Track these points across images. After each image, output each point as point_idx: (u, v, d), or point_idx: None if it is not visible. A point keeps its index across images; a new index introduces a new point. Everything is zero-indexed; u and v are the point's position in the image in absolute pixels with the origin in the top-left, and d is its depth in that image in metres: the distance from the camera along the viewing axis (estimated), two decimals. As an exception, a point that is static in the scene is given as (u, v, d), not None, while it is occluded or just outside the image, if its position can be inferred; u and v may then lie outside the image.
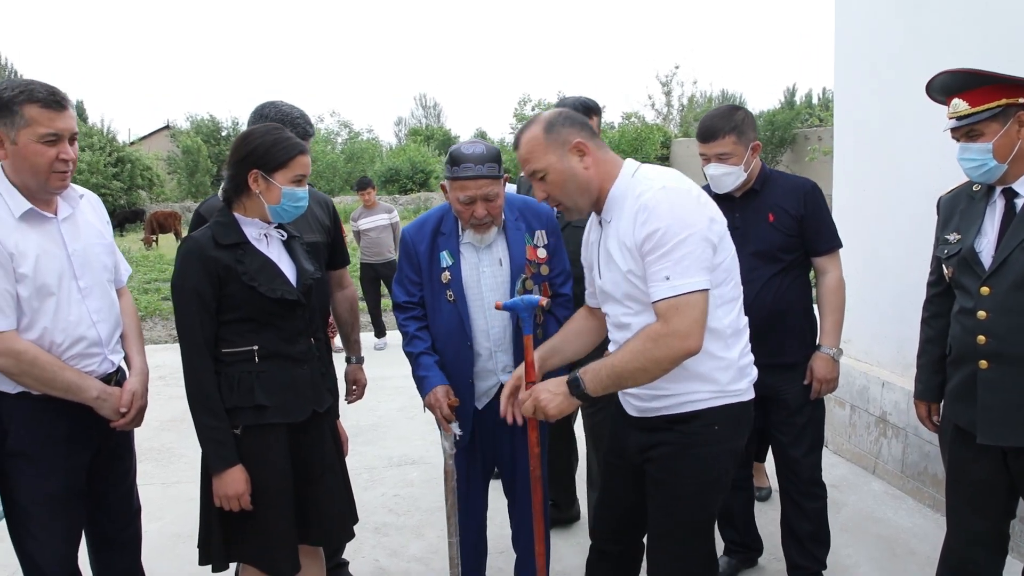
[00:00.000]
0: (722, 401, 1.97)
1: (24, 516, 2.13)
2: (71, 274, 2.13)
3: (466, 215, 2.38)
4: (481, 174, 2.32)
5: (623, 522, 2.23)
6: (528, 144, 1.97)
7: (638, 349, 1.84)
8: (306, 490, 2.20)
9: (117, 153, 26.84)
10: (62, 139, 2.05)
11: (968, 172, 2.18)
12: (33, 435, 2.09)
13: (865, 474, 4.02)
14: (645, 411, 2.04)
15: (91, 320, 2.17)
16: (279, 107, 2.55)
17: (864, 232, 4.00)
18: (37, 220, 2.09)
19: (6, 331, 2.00)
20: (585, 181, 1.95)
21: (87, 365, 2.16)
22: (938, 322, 2.41)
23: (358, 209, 7.86)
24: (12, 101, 1.99)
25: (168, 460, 4.55)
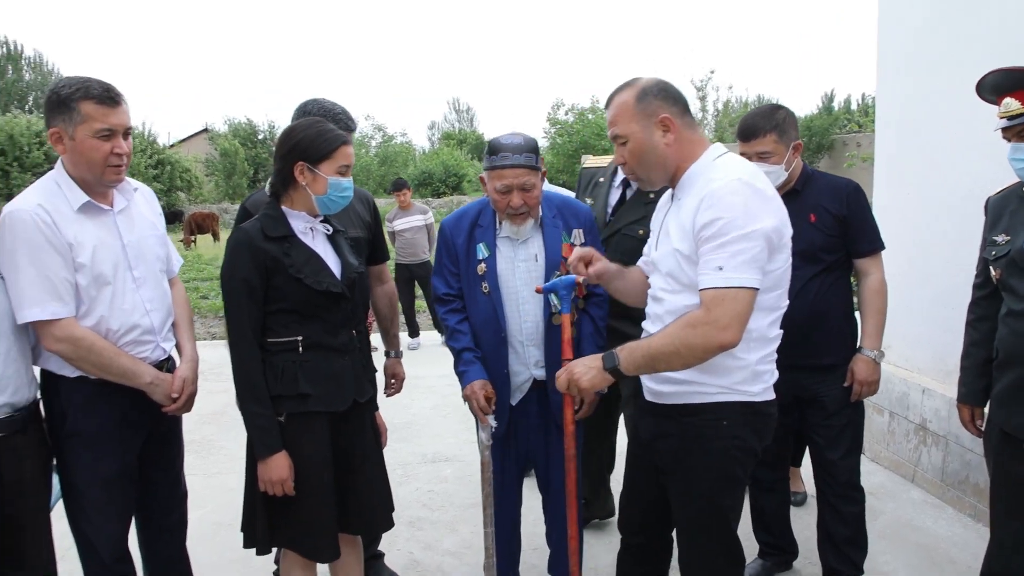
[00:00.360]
0: (731, 397, 1.94)
1: (80, 497, 2.21)
2: (126, 264, 2.21)
3: (502, 204, 2.42)
4: (518, 163, 2.36)
5: (647, 515, 2.24)
6: (617, 108, 1.99)
7: (675, 333, 1.83)
8: (346, 479, 2.25)
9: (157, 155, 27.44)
10: (116, 134, 2.14)
11: (1019, 172, 2.15)
12: (90, 418, 2.17)
13: (904, 482, 3.96)
14: (656, 396, 2.06)
15: (144, 308, 2.25)
16: (322, 103, 2.61)
17: (905, 236, 3.95)
18: (94, 212, 2.18)
19: (65, 318, 2.09)
20: (663, 156, 1.95)
21: (140, 352, 2.24)
22: (984, 325, 2.38)
23: (393, 210, 7.95)
24: (70, 98, 2.08)
25: (209, 452, 4.64)
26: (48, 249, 2.06)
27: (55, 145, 2.15)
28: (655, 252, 2.06)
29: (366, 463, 2.30)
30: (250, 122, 38.51)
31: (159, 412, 2.30)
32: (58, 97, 2.09)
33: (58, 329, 2.08)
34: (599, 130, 29.58)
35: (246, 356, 2.09)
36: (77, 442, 2.19)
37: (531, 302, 2.52)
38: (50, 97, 2.12)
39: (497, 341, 2.51)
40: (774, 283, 1.92)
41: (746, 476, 2.05)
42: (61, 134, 2.11)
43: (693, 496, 2.02)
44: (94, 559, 2.26)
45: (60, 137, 2.12)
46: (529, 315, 2.52)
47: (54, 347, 2.09)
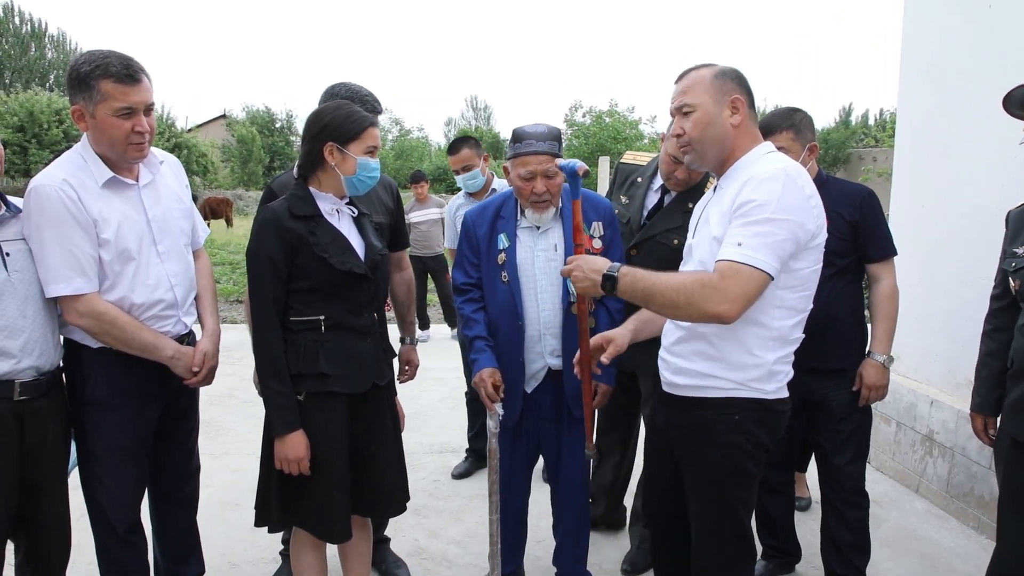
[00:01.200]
0: (744, 394, 1.96)
1: (96, 464, 2.25)
2: (151, 239, 2.23)
3: (526, 191, 2.45)
4: (542, 151, 2.41)
5: (665, 500, 2.26)
6: (692, 79, 1.99)
7: (683, 285, 1.82)
8: (362, 461, 2.27)
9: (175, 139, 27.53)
10: (137, 112, 2.12)
11: None
12: (110, 386, 2.21)
13: (908, 492, 3.96)
14: (672, 388, 2.07)
15: (169, 283, 2.27)
16: (349, 86, 2.63)
17: (919, 248, 3.95)
18: (119, 187, 2.19)
19: (89, 293, 2.11)
20: (723, 135, 1.95)
21: (163, 326, 2.27)
22: (1000, 335, 2.39)
23: (410, 202, 7.96)
24: (89, 76, 2.07)
25: (216, 432, 4.69)
26: (73, 224, 2.07)
27: (78, 122, 2.15)
28: (692, 239, 2.08)
29: (382, 446, 2.32)
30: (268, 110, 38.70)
31: (178, 385, 2.33)
32: (78, 75, 2.08)
33: (81, 304, 2.10)
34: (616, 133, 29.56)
35: (268, 333, 2.11)
36: (96, 410, 2.22)
37: (549, 291, 2.54)
38: (71, 74, 2.11)
39: (514, 329, 2.54)
40: (801, 283, 1.91)
41: (758, 471, 2.05)
42: (83, 112, 2.11)
43: (704, 487, 2.05)
44: (106, 528, 2.29)
45: (82, 115, 2.12)
46: (547, 304, 2.54)
47: (78, 321, 2.12)
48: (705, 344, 1.97)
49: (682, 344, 2.03)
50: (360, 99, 2.54)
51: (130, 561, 2.34)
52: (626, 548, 3.20)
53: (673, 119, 2.09)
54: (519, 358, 2.55)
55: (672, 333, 2.09)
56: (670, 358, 2.08)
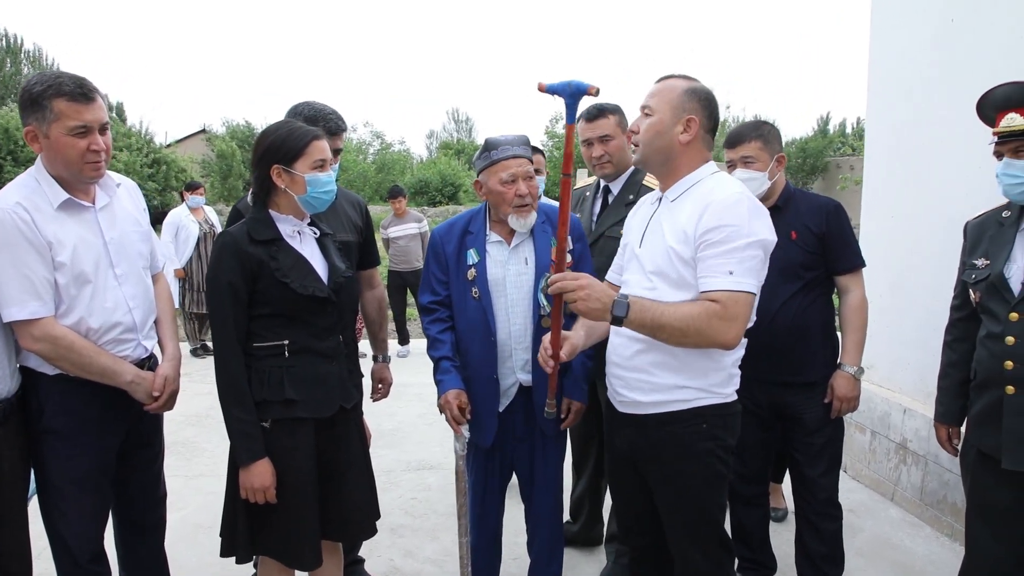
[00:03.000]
0: (708, 400, 2.04)
1: (55, 494, 2.21)
2: (108, 262, 2.21)
3: (509, 195, 2.44)
4: (519, 154, 2.45)
5: (641, 519, 2.27)
6: (665, 86, 2.09)
7: (693, 317, 1.88)
8: (331, 486, 2.25)
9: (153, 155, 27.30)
10: (92, 130, 2.10)
11: (1008, 188, 2.17)
12: (67, 415, 2.17)
13: (883, 500, 3.99)
14: (634, 407, 2.10)
15: (127, 306, 2.24)
16: (312, 105, 2.60)
17: (890, 258, 3.99)
18: (75, 209, 2.17)
19: (44, 317, 2.08)
20: (669, 147, 2.05)
21: (122, 350, 2.24)
22: (961, 346, 2.41)
23: (388, 217, 7.97)
24: (41, 96, 2.05)
25: (191, 454, 4.64)
26: (27, 248, 2.04)
27: (31, 144, 2.13)
28: (639, 249, 2.13)
29: (351, 469, 2.30)
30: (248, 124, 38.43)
31: (139, 411, 2.30)
32: (30, 95, 2.06)
33: (37, 329, 2.07)
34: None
35: (230, 360, 2.09)
36: (53, 439, 2.18)
37: (521, 305, 2.53)
38: (23, 95, 2.09)
39: (487, 345, 2.52)
40: (758, 291, 2.00)
41: (729, 472, 2.13)
42: (36, 132, 2.09)
43: (683, 500, 2.09)
44: (68, 558, 2.25)
45: (35, 136, 2.10)
46: (518, 318, 2.54)
47: (33, 347, 2.08)
48: (667, 355, 2.01)
49: (641, 356, 2.06)
50: (324, 117, 2.53)
51: None
52: (603, 564, 3.20)
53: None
54: (492, 375, 2.53)
55: (627, 347, 2.10)
56: (628, 374, 2.10)
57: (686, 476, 2.05)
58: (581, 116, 3.06)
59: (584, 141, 3.01)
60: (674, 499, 2.10)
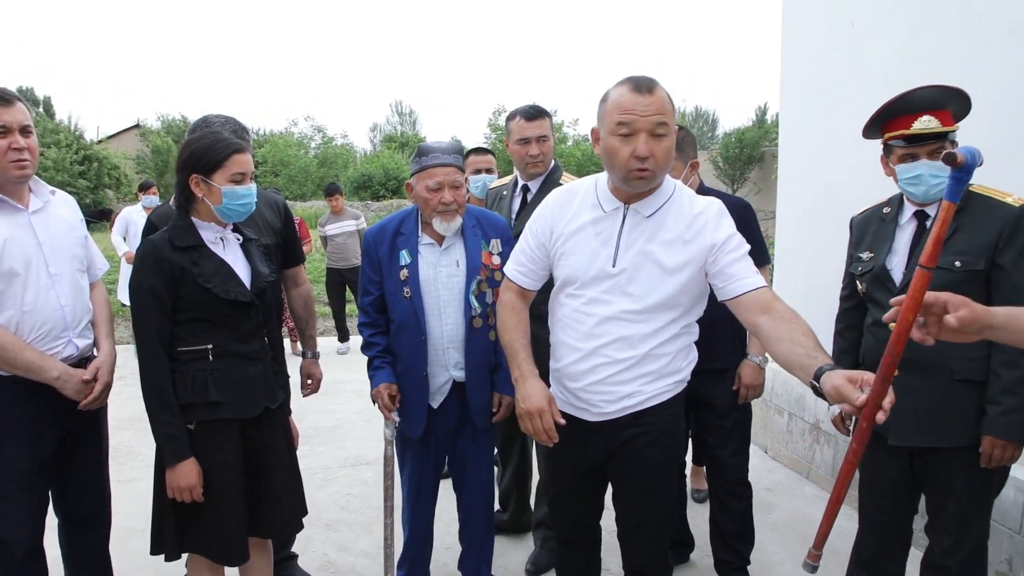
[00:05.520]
0: (676, 390, 2.13)
1: None
2: (41, 260, 2.27)
3: (434, 202, 2.53)
4: (447, 162, 2.53)
5: (584, 515, 2.36)
6: (665, 100, 1.93)
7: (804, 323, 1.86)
8: (257, 483, 2.31)
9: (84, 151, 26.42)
10: (11, 131, 2.20)
11: (928, 190, 2.22)
12: (2, 413, 2.22)
13: (800, 478, 4.22)
14: (615, 412, 2.09)
15: (59, 303, 2.30)
16: (209, 121, 2.67)
17: (804, 251, 4.22)
18: (8, 210, 2.24)
19: None
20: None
21: (53, 347, 2.29)
22: (851, 333, 2.60)
23: (325, 215, 7.97)
24: None
25: (125, 458, 4.60)
26: None
27: None
28: (613, 268, 2.03)
29: (277, 467, 2.36)
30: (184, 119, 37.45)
31: (77, 411, 2.34)
32: None
33: None
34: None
35: (153, 365, 2.14)
36: None
37: (453, 305, 2.62)
38: None
39: (417, 344, 2.62)
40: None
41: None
42: None
43: (654, 486, 2.16)
44: (4, 553, 2.29)
45: None
46: (450, 318, 2.63)
47: None
48: (657, 363, 2.06)
49: (627, 372, 2.05)
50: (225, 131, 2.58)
51: None
52: (531, 549, 3.32)
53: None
54: (422, 372, 2.63)
55: (605, 369, 2.05)
56: (611, 388, 2.06)
57: (656, 463, 2.13)
58: (519, 114, 3.15)
59: (521, 139, 3.11)
60: (642, 491, 2.16)
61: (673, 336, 2.07)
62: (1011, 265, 2.12)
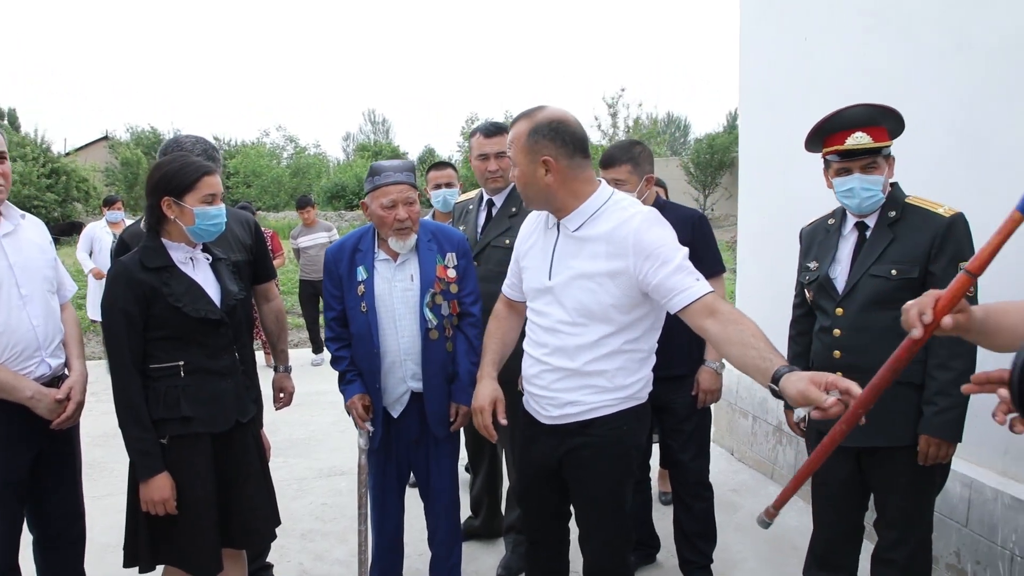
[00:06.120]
0: (627, 405, 2.19)
1: None
2: (12, 282, 2.32)
3: (389, 219, 2.61)
4: (400, 180, 2.61)
5: (547, 514, 2.42)
6: (514, 133, 2.14)
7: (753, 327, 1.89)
8: (229, 495, 2.36)
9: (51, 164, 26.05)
10: None
11: (860, 202, 2.36)
12: None
13: (764, 479, 4.35)
14: (558, 418, 2.21)
15: (31, 324, 2.35)
16: (180, 142, 2.74)
17: (764, 257, 4.35)
18: None
19: None
20: (543, 190, 2.11)
21: (26, 367, 2.34)
22: (803, 339, 2.71)
23: (297, 227, 8.00)
24: None
25: (98, 474, 4.61)
26: None
27: None
28: (549, 281, 2.17)
29: (249, 479, 2.42)
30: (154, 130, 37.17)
31: (50, 431, 2.39)
32: None
33: None
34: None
35: (126, 382, 2.19)
36: None
37: (408, 319, 2.70)
38: None
39: (371, 357, 2.70)
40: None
41: (638, 469, 2.32)
42: None
43: (601, 495, 2.23)
44: None
45: None
46: (406, 331, 2.71)
47: None
48: (599, 379, 2.14)
49: (565, 382, 2.16)
50: (196, 152, 2.65)
51: None
52: (503, 553, 3.40)
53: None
54: (376, 384, 2.72)
55: (548, 375, 2.19)
56: (552, 395, 2.19)
57: (604, 473, 2.20)
58: (479, 131, 3.26)
59: (480, 155, 3.21)
60: (590, 494, 2.24)
61: (613, 352, 2.13)
62: (942, 272, 2.25)
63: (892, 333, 2.28)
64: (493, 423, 2.30)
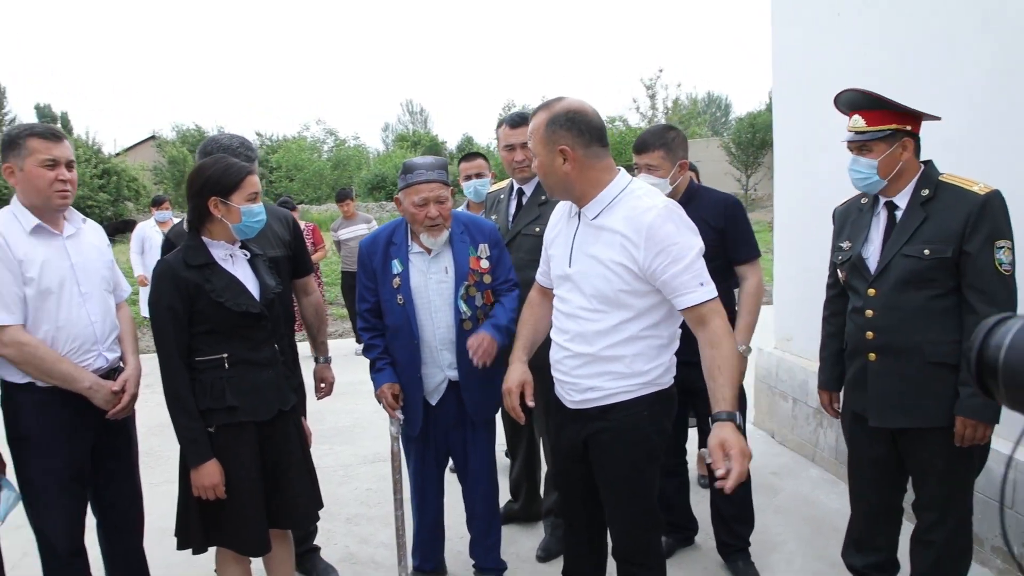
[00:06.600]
0: (650, 390, 2.21)
1: (34, 495, 2.47)
2: (73, 280, 2.49)
3: (420, 217, 2.67)
4: (432, 179, 2.66)
5: (584, 499, 2.45)
6: (533, 125, 2.19)
7: (729, 354, 2.06)
8: (274, 480, 2.47)
9: (103, 165, 26.81)
10: (59, 164, 2.46)
11: (854, 182, 2.46)
12: (39, 422, 2.44)
13: (805, 462, 4.33)
14: (580, 403, 2.27)
15: (89, 320, 2.51)
16: (219, 141, 2.85)
17: (801, 239, 4.31)
18: (45, 235, 2.47)
19: (11, 325, 2.35)
20: (562, 180, 2.16)
21: (84, 360, 2.50)
22: (836, 320, 2.70)
23: (338, 220, 8.14)
24: (19, 137, 2.45)
25: (155, 462, 4.81)
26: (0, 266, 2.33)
27: (8, 179, 2.48)
28: (570, 268, 2.22)
29: (291, 465, 2.52)
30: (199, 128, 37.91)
31: (108, 421, 2.54)
32: (9, 138, 2.46)
33: (5, 335, 2.34)
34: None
35: (174, 375, 2.31)
36: (28, 444, 2.44)
37: (443, 310, 2.77)
38: (3, 139, 2.48)
39: (411, 347, 2.78)
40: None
41: (663, 454, 2.34)
42: (13, 168, 2.45)
43: (622, 479, 2.27)
44: (49, 551, 2.53)
45: (12, 171, 2.46)
46: (442, 322, 2.78)
47: (2, 352, 2.36)
48: (617, 364, 2.18)
49: (586, 368, 2.21)
50: (232, 152, 2.75)
51: None
52: (542, 536, 3.46)
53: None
54: (417, 373, 2.79)
55: (570, 361, 2.24)
56: (574, 380, 2.24)
57: (628, 457, 2.23)
58: (504, 122, 3.31)
59: (507, 146, 3.26)
60: (615, 478, 2.28)
61: (630, 338, 2.16)
62: (976, 251, 2.22)
63: (925, 313, 2.32)
64: (522, 406, 2.36)
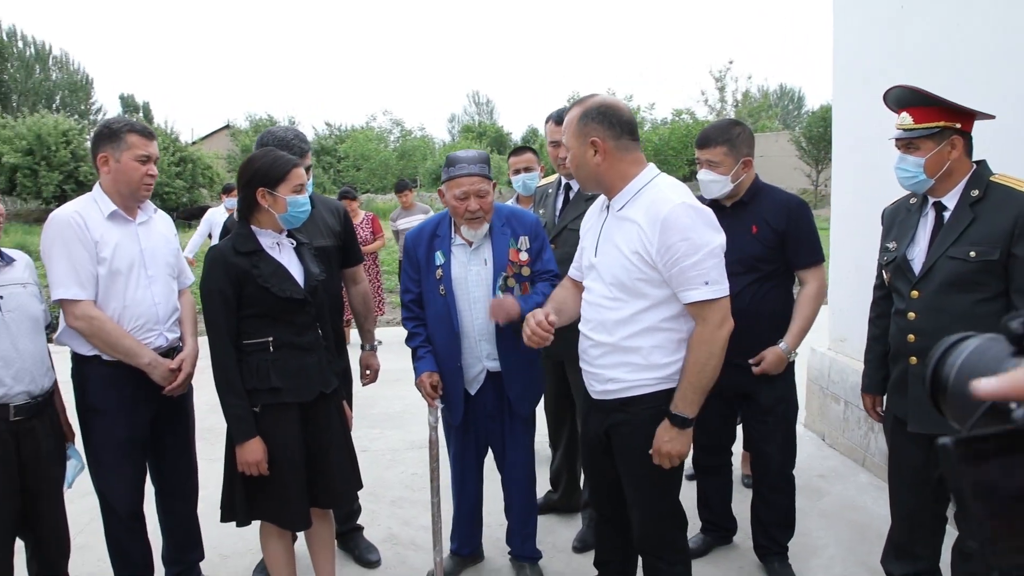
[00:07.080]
0: (665, 386, 2.21)
1: (98, 460, 2.68)
2: (141, 263, 2.68)
3: (461, 210, 2.73)
4: (473, 172, 2.71)
5: (611, 490, 2.49)
6: (566, 121, 2.27)
7: (701, 358, 2.13)
8: (315, 460, 2.58)
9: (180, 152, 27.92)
10: (151, 160, 2.69)
11: (900, 180, 2.40)
12: (105, 393, 2.64)
13: (855, 466, 4.23)
14: (601, 394, 2.32)
15: (153, 301, 2.70)
16: (275, 134, 3.00)
17: (857, 239, 4.19)
18: (120, 220, 2.67)
19: (84, 300, 2.55)
20: (594, 172, 2.22)
21: (147, 337, 2.68)
22: (881, 321, 2.63)
23: (397, 210, 8.30)
24: (120, 130, 2.65)
25: (215, 438, 5.00)
26: (77, 244, 2.54)
27: (100, 167, 2.66)
28: (595, 258, 2.30)
29: (332, 446, 2.62)
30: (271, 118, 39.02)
31: (166, 397, 2.72)
32: (110, 130, 2.65)
33: (78, 309, 2.54)
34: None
35: (222, 356, 2.43)
36: (93, 414, 2.65)
37: (483, 302, 2.82)
38: (101, 130, 2.67)
39: (451, 337, 2.83)
40: None
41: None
42: (108, 158, 2.64)
43: (637, 472, 2.30)
44: (111, 514, 2.74)
45: (107, 160, 2.64)
46: (480, 313, 2.83)
47: (73, 324, 2.56)
48: (635, 356, 2.21)
49: (606, 358, 2.27)
50: (286, 144, 2.88)
51: (132, 543, 2.79)
52: (580, 528, 3.50)
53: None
54: (457, 363, 2.85)
55: (592, 350, 2.30)
56: (596, 371, 2.31)
57: (642, 451, 2.25)
58: (550, 118, 3.34)
59: (552, 142, 3.28)
60: (632, 471, 2.32)
61: (648, 328, 2.18)
62: None
63: (969, 317, 2.24)
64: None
